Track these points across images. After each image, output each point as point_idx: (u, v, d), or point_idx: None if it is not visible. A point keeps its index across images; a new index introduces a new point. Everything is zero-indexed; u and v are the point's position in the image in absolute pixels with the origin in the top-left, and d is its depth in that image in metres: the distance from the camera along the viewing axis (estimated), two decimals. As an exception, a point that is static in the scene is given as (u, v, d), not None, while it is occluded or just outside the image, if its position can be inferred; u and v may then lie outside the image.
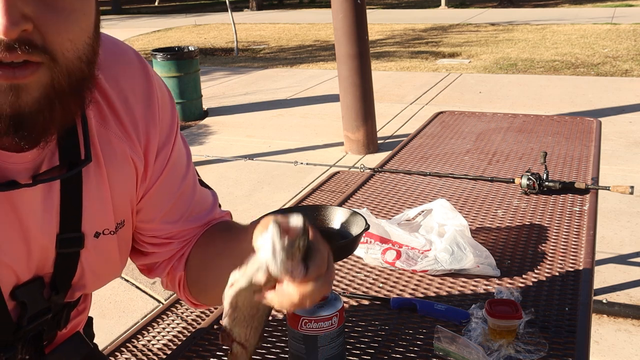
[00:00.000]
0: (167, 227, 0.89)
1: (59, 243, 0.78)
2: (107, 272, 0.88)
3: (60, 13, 0.61)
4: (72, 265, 0.81)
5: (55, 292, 0.80)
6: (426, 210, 1.67)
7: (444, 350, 1.16)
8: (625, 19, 13.75)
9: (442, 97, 7.27)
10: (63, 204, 0.76)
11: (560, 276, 1.44)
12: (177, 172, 0.89)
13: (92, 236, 0.80)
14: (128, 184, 0.83)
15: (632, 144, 5.23)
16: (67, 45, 0.62)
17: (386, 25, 14.36)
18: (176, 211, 0.89)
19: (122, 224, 0.85)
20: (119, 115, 0.80)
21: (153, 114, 0.83)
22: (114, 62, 0.80)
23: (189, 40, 13.29)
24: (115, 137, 0.80)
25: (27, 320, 0.78)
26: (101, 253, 0.83)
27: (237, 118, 6.74)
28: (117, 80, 0.80)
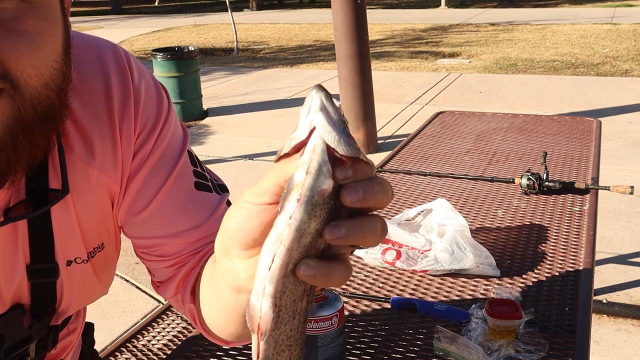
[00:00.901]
0: (151, 242, 0.79)
1: (30, 273, 0.73)
2: (89, 295, 0.82)
3: (20, 37, 0.56)
4: (49, 294, 0.76)
5: (37, 320, 0.76)
6: (426, 210, 1.67)
7: (444, 350, 1.16)
8: (625, 19, 13.75)
9: (442, 97, 7.27)
10: (32, 235, 0.72)
11: (560, 276, 1.44)
12: (157, 174, 0.77)
13: (65, 265, 0.76)
14: (100, 207, 0.76)
15: (632, 144, 5.23)
16: (30, 72, 0.57)
17: (386, 25, 14.36)
18: (156, 220, 0.77)
19: (100, 248, 0.79)
20: (84, 131, 0.72)
21: (128, 109, 0.75)
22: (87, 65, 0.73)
23: (189, 40, 13.30)
24: (81, 161, 0.73)
25: (3, 353, 0.74)
26: (77, 280, 0.78)
27: (237, 118, 6.74)
28: (92, 88, 0.73)
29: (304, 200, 0.43)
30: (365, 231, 0.44)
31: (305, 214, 0.43)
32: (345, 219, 0.44)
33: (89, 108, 0.72)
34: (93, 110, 0.73)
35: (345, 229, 0.43)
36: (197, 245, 0.77)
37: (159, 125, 0.78)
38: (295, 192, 0.44)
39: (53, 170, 0.71)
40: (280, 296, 0.45)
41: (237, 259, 0.53)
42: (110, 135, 0.74)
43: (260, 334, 0.45)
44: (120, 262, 3.91)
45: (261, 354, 0.46)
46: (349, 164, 0.44)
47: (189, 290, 0.78)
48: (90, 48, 0.75)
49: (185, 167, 0.79)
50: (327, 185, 0.43)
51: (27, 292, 0.74)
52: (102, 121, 0.73)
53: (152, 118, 0.78)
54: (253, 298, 0.45)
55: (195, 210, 0.77)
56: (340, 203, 0.44)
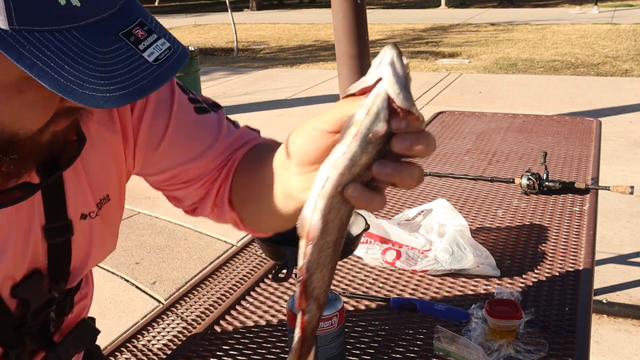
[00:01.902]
0: (174, 172, 0.85)
1: (47, 233, 0.76)
2: (101, 250, 0.86)
3: None
4: (65, 253, 0.80)
5: (55, 282, 0.79)
6: (426, 210, 1.67)
7: (444, 351, 1.16)
8: (625, 19, 13.75)
9: (442, 97, 7.27)
10: (45, 195, 0.75)
11: (560, 276, 1.44)
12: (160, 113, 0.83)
13: (79, 219, 0.79)
14: (100, 159, 0.80)
15: (632, 144, 5.23)
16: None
17: (386, 25, 14.37)
18: (174, 153, 0.84)
19: (106, 199, 0.83)
20: None
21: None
22: None
23: (189, 40, 13.29)
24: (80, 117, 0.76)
25: (30, 317, 0.77)
26: (90, 234, 0.82)
27: (237, 118, 6.62)
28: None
29: (360, 136, 0.51)
30: (404, 174, 0.52)
31: (358, 148, 0.51)
32: (391, 160, 0.52)
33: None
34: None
35: (390, 168, 0.51)
36: (218, 161, 0.86)
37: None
38: (354, 127, 0.51)
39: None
40: (328, 211, 0.53)
41: (293, 172, 0.64)
42: None
43: (309, 240, 0.54)
44: (120, 262, 3.92)
45: (308, 256, 0.54)
46: (403, 116, 0.51)
47: (226, 201, 0.86)
48: None
49: (181, 97, 0.85)
50: (382, 128, 0.51)
51: (43, 254, 0.77)
52: None
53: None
54: (306, 210, 0.53)
55: (205, 131, 0.85)
56: (389, 147, 0.52)
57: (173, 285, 3.24)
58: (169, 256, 3.56)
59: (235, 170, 0.86)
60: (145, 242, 3.73)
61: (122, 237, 3.76)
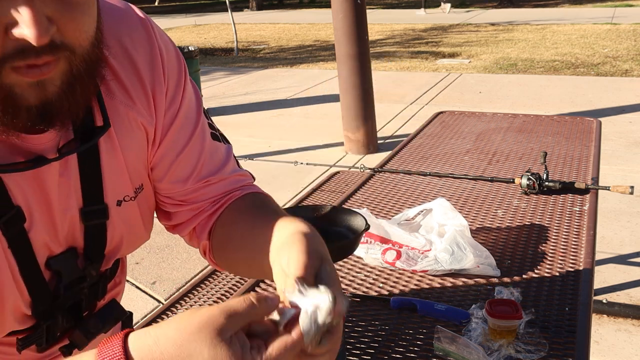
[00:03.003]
0: (177, 187, 0.89)
1: (84, 216, 0.80)
2: (135, 237, 0.90)
3: (75, 8, 0.64)
4: (101, 236, 0.83)
5: (89, 262, 0.83)
6: (426, 210, 1.67)
7: (444, 351, 1.16)
8: (625, 19, 13.75)
9: (442, 97, 7.27)
10: (83, 178, 0.79)
11: (561, 276, 1.44)
12: (185, 127, 0.88)
13: (115, 205, 0.83)
14: (140, 148, 0.84)
15: (632, 144, 5.23)
16: (83, 36, 0.66)
17: (386, 25, 14.36)
18: (183, 167, 0.88)
19: (140, 188, 0.86)
20: (123, 83, 0.81)
21: (158, 71, 0.84)
22: (114, 24, 0.80)
23: (189, 40, 13.29)
24: (122, 105, 0.81)
25: (63, 289, 0.81)
26: (126, 220, 0.85)
27: (237, 118, 6.74)
28: (120, 43, 0.81)
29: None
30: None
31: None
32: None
33: (118, 61, 0.81)
34: (123, 64, 0.81)
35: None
36: (214, 193, 0.90)
37: (182, 83, 0.87)
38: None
39: (97, 111, 0.78)
40: None
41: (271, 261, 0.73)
42: (141, 87, 0.82)
43: None
44: (120, 262, 3.86)
45: None
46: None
47: (206, 231, 0.91)
48: (115, 11, 0.82)
49: (204, 121, 0.91)
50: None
51: (80, 235, 0.81)
52: (131, 72, 0.82)
53: (175, 75, 0.86)
54: None
55: (215, 158, 0.90)
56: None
57: (173, 285, 3.24)
58: (169, 256, 3.56)
59: (224, 211, 0.90)
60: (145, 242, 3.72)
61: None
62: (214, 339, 0.54)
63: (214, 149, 0.90)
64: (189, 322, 0.56)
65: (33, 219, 0.75)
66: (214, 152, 0.90)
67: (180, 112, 0.87)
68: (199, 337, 0.54)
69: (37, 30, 0.59)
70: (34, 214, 0.75)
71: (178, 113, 0.86)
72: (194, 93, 0.90)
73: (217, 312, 0.56)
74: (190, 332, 0.55)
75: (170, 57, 0.86)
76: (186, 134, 0.87)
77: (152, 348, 0.55)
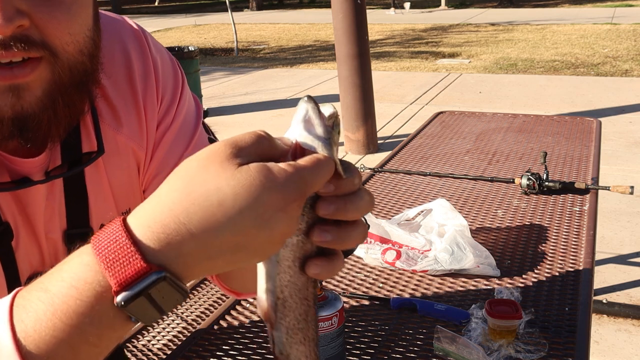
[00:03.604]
0: None
1: (67, 239, 0.77)
2: None
3: (57, 6, 0.59)
4: None
5: None
6: (426, 210, 1.67)
7: (443, 351, 1.16)
8: (625, 19, 13.75)
9: (442, 97, 7.27)
10: (68, 200, 0.76)
11: (560, 276, 1.44)
12: (180, 141, 0.82)
13: (99, 229, 0.79)
14: (128, 173, 0.80)
15: (632, 144, 5.23)
16: (67, 39, 0.61)
17: (386, 25, 14.36)
18: None
19: (127, 212, 0.82)
20: (111, 103, 0.77)
21: (150, 83, 0.80)
22: (106, 36, 0.74)
23: (189, 40, 13.29)
24: (109, 128, 0.77)
25: None
26: None
27: (237, 118, 6.74)
28: (111, 56, 0.76)
29: None
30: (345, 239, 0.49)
31: None
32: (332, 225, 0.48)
33: (112, 80, 0.76)
34: (115, 82, 0.77)
35: (331, 235, 0.48)
36: None
37: (177, 96, 0.83)
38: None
39: (85, 135, 0.74)
40: (281, 290, 0.50)
41: None
42: (133, 105, 0.78)
43: (270, 324, 0.50)
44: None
45: (275, 339, 0.51)
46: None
47: None
48: (107, 24, 0.77)
49: (202, 134, 0.85)
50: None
51: (63, 256, 0.77)
52: (125, 92, 0.77)
53: (171, 88, 0.82)
54: (259, 292, 0.51)
55: None
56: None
57: (173, 285, 3.23)
58: (169, 256, 3.56)
59: None
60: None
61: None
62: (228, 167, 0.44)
63: None
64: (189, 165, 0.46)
65: (19, 238, 0.73)
66: None
67: (174, 126, 0.82)
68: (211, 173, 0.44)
69: (1, 16, 0.54)
70: (20, 233, 0.73)
71: (171, 126, 0.82)
72: (193, 106, 0.86)
73: (220, 144, 0.46)
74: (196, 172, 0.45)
75: (166, 69, 0.83)
76: (180, 148, 0.83)
77: (156, 208, 0.46)
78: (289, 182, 0.44)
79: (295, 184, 0.45)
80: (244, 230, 0.44)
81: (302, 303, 0.51)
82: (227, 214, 0.43)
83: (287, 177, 0.44)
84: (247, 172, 0.44)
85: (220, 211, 0.43)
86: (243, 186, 0.43)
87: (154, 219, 0.45)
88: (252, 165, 0.44)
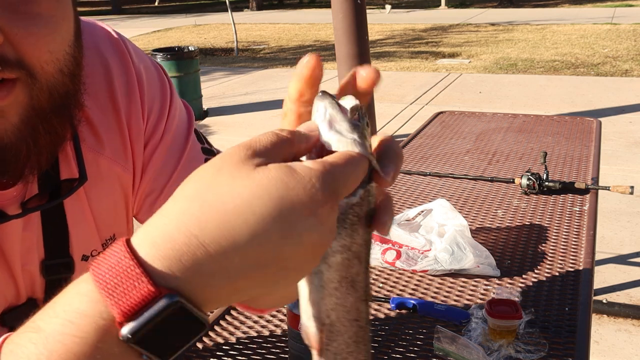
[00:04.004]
0: None
1: (45, 270, 0.71)
2: None
3: (35, 21, 0.52)
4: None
5: None
6: (426, 210, 1.67)
7: (444, 351, 1.16)
8: (625, 19, 13.75)
9: (442, 97, 7.27)
10: (46, 230, 0.69)
11: (560, 276, 1.44)
12: (172, 155, 0.77)
13: (80, 260, 0.74)
14: (112, 197, 0.74)
15: (632, 144, 5.23)
16: (46, 57, 0.54)
17: (386, 25, 14.36)
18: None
19: (112, 239, 0.77)
20: (92, 123, 0.70)
21: (134, 97, 0.73)
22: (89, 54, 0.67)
23: (189, 40, 13.29)
24: (90, 151, 0.71)
25: None
26: None
27: (237, 118, 6.74)
28: (90, 71, 0.69)
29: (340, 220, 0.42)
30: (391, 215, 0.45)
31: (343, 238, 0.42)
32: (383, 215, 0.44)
33: (92, 97, 0.68)
34: (96, 100, 0.70)
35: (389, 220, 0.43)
36: None
37: (165, 109, 0.76)
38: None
39: (64, 160, 0.67)
40: (327, 314, 0.44)
41: None
42: (116, 123, 0.71)
43: (317, 350, 0.46)
44: (120, 262, 3.95)
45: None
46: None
47: None
48: (84, 34, 0.68)
49: (194, 146, 0.79)
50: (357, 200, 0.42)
51: (41, 288, 0.71)
52: (107, 110, 0.71)
53: (158, 102, 0.75)
54: (303, 318, 0.46)
55: None
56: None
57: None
58: (169, 256, 3.55)
59: None
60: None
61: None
62: (244, 169, 0.37)
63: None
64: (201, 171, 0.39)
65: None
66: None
67: (164, 142, 0.76)
68: (225, 177, 0.37)
69: None
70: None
71: (160, 143, 0.76)
72: (185, 115, 0.80)
73: (235, 147, 0.39)
74: (209, 178, 0.38)
75: (151, 81, 0.75)
76: (171, 163, 0.77)
77: (163, 221, 0.38)
78: (316, 180, 0.37)
79: (324, 183, 0.38)
80: (268, 239, 0.36)
81: (351, 325, 0.45)
82: (246, 222, 0.36)
83: (313, 175, 0.38)
84: (266, 172, 0.37)
85: (237, 218, 0.36)
86: (263, 188, 0.36)
87: (161, 234, 0.37)
88: (272, 165, 0.38)
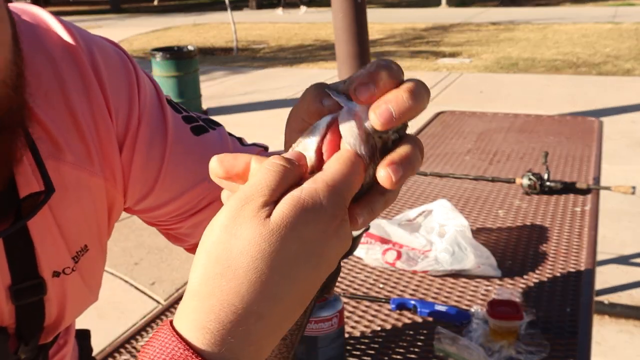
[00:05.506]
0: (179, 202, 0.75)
1: (14, 295, 0.65)
2: (80, 306, 0.75)
3: None
4: (37, 314, 0.68)
5: (24, 343, 0.68)
6: (427, 211, 1.66)
7: (444, 351, 1.15)
8: (627, 18, 13.74)
9: (443, 96, 7.27)
10: (11, 254, 0.63)
11: (562, 277, 1.43)
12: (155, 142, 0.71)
13: (51, 277, 0.68)
14: (79, 206, 0.68)
15: (634, 143, 5.22)
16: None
17: (386, 25, 14.36)
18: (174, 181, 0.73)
19: (84, 250, 0.71)
20: (46, 129, 0.62)
21: (94, 95, 0.65)
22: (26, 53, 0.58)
23: (188, 39, 13.28)
24: (50, 159, 0.63)
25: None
26: (66, 292, 0.70)
27: (236, 118, 6.73)
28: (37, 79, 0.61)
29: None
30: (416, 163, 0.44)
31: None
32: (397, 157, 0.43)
33: (42, 100, 0.61)
34: (46, 102, 0.62)
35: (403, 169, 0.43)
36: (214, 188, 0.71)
37: (135, 101, 0.69)
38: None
39: (22, 175, 0.61)
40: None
41: None
42: (73, 125, 0.64)
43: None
44: (119, 263, 3.91)
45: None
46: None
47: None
48: (21, 31, 0.60)
49: (175, 120, 0.74)
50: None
51: (9, 315, 0.66)
52: (60, 112, 0.63)
53: (125, 92, 0.68)
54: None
55: (206, 154, 0.73)
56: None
57: (172, 286, 3.23)
58: (168, 256, 3.55)
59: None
60: (144, 243, 3.72)
61: (121, 238, 3.75)
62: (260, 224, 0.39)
63: (201, 144, 0.74)
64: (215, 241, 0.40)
65: None
66: (204, 148, 0.74)
67: (141, 134, 0.70)
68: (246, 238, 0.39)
69: None
70: None
71: (137, 138, 0.70)
72: (153, 98, 0.72)
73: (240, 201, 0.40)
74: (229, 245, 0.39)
75: (113, 70, 0.67)
76: (157, 156, 0.71)
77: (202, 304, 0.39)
78: (326, 202, 0.40)
79: (334, 203, 0.40)
80: (303, 278, 0.39)
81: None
82: (282, 274, 0.38)
83: (320, 200, 0.40)
84: (281, 218, 0.39)
85: (272, 275, 0.38)
86: (284, 237, 0.38)
87: (206, 317, 0.38)
88: (282, 207, 0.39)
